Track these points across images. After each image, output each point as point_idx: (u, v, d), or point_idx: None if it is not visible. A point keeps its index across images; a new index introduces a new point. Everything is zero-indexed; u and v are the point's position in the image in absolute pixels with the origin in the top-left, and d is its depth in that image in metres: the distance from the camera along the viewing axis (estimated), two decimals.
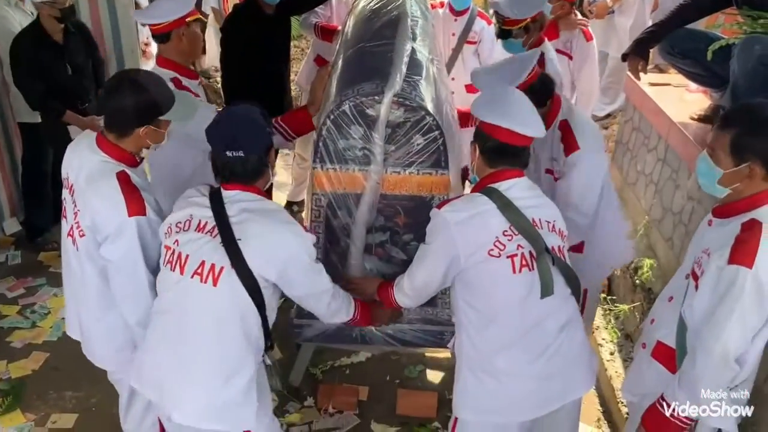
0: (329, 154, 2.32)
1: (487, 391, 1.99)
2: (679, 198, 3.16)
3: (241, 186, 1.95)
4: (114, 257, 2.06)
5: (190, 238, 1.92)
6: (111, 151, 2.09)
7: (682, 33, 2.96)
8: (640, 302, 3.30)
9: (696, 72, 3.03)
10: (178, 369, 1.95)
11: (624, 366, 3.23)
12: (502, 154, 1.98)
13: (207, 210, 1.94)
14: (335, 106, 2.25)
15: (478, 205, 1.95)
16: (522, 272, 1.92)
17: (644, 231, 3.48)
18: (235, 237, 1.88)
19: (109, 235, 2.05)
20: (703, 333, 1.75)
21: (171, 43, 2.59)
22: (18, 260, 4.22)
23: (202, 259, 1.89)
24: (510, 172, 2.00)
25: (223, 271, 1.87)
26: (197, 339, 1.93)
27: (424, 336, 2.52)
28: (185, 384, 1.95)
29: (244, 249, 1.87)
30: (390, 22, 2.73)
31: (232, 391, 1.93)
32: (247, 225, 1.89)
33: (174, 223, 1.98)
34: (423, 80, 2.37)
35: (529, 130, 1.96)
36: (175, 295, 1.96)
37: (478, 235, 1.93)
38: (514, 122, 1.94)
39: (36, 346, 3.48)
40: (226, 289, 1.88)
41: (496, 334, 1.97)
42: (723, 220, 1.84)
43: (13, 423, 3.00)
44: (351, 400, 3.12)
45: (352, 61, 2.57)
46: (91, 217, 2.07)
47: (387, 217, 2.41)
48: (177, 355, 1.95)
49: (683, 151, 3.13)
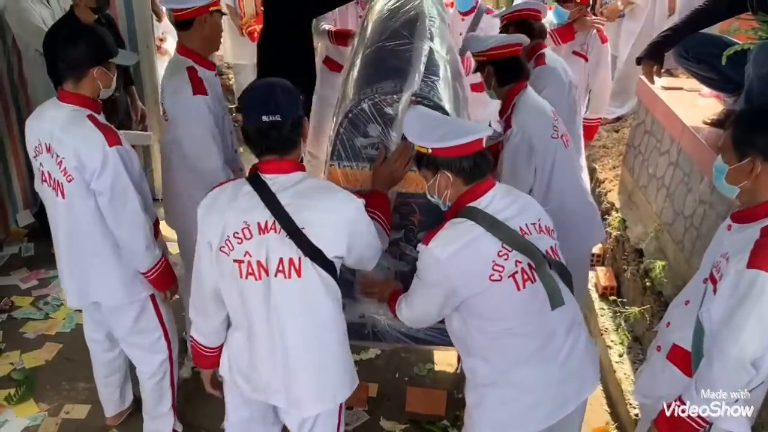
0: (346, 151, 2.34)
1: (507, 404, 1.99)
2: (691, 201, 3.17)
3: (277, 161, 1.91)
4: (105, 188, 2.34)
5: (257, 243, 1.88)
6: (74, 99, 2.37)
7: (697, 37, 2.98)
8: (650, 305, 3.31)
9: (710, 76, 3.04)
10: (298, 363, 2.00)
11: (633, 368, 3.24)
12: (476, 166, 1.96)
13: (261, 209, 1.88)
14: (354, 104, 2.27)
15: (466, 233, 1.91)
16: (526, 287, 1.91)
17: (654, 234, 3.50)
18: (299, 227, 1.86)
19: (96, 169, 2.31)
20: (721, 336, 1.76)
21: (193, 30, 2.61)
22: (31, 252, 4.26)
23: (279, 257, 1.88)
24: (484, 185, 1.98)
25: (301, 261, 1.89)
26: (308, 330, 1.98)
27: (437, 335, 2.53)
28: (311, 373, 2.03)
29: (310, 235, 1.87)
30: (408, 22, 2.75)
31: (347, 356, 2.11)
32: (306, 213, 1.87)
33: (231, 234, 1.89)
34: (441, 80, 2.38)
35: (477, 133, 1.95)
36: (263, 300, 1.94)
37: (472, 265, 1.91)
38: (463, 136, 1.93)
39: (49, 337, 3.52)
40: (309, 277, 1.92)
41: (512, 351, 1.97)
42: (742, 225, 1.85)
43: (26, 413, 3.04)
44: (361, 396, 3.14)
45: (370, 60, 2.59)
46: (76, 157, 2.31)
47: (402, 215, 2.43)
48: (289, 353, 1.99)
49: (696, 154, 3.14)
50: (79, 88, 2.37)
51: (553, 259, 1.98)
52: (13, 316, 3.67)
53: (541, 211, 2.06)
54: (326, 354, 2.04)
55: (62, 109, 2.37)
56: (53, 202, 2.45)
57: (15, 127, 4.31)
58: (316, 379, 2.04)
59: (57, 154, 2.34)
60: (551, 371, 1.96)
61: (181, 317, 3.69)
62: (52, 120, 2.36)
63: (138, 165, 2.47)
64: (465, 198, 1.97)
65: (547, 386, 1.96)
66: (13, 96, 4.26)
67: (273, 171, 1.91)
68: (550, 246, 2.01)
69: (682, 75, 3.91)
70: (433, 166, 1.98)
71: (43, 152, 2.38)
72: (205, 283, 2.01)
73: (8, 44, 4.16)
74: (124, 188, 2.36)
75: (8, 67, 4.18)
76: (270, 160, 1.91)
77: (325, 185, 2.02)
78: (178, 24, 2.66)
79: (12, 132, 4.29)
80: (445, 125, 1.99)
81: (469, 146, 1.93)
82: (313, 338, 2.00)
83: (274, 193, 1.87)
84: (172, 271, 2.66)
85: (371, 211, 2.20)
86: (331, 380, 2.08)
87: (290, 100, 1.90)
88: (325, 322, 2.01)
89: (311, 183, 1.95)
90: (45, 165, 2.40)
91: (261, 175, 1.91)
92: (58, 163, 2.34)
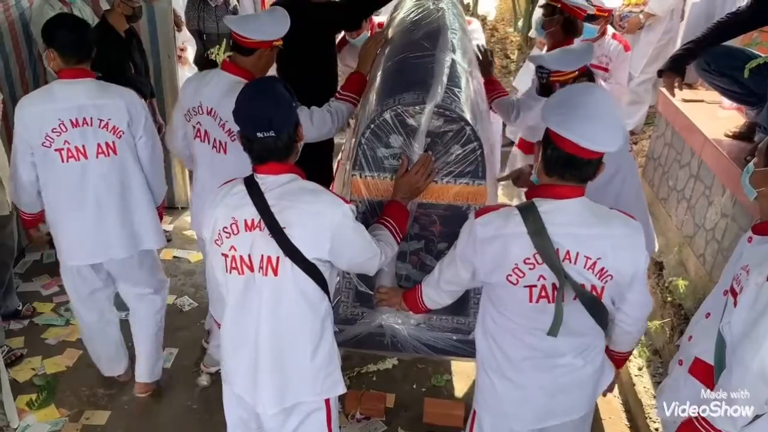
0: (368, 161, 2.35)
1: (496, 393, 2.04)
2: (712, 214, 3.15)
3: (276, 164, 1.98)
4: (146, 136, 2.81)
5: (244, 238, 1.97)
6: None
7: (719, 50, 2.97)
8: (670, 318, 3.29)
9: (732, 89, 3.03)
10: (264, 362, 2.04)
11: (653, 381, 3.21)
12: (563, 164, 1.81)
13: (249, 207, 1.95)
14: (376, 114, 2.28)
15: (508, 227, 1.86)
16: (540, 303, 1.88)
17: (679, 248, 3.47)
18: (281, 226, 1.92)
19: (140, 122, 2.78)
20: (741, 348, 1.74)
21: (251, 58, 2.67)
22: (52, 258, 4.28)
23: (260, 254, 1.96)
24: (564, 190, 1.84)
25: (279, 260, 1.95)
26: (276, 332, 2.02)
27: (456, 345, 2.53)
28: (274, 373, 2.05)
29: (291, 236, 1.92)
30: (430, 34, 2.76)
31: (318, 361, 2.07)
32: (288, 213, 1.93)
33: (221, 229, 1.99)
34: (463, 92, 2.39)
35: (596, 144, 1.76)
36: (243, 297, 2.02)
37: (496, 257, 1.89)
38: (578, 134, 1.75)
39: (70, 344, 3.55)
40: (286, 277, 1.96)
41: (511, 347, 1.99)
42: (764, 237, 1.84)
43: (47, 418, 3.07)
44: (378, 406, 3.14)
45: (393, 71, 2.60)
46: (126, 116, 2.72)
47: (423, 226, 2.43)
48: (259, 350, 2.04)
49: (717, 167, 3.13)
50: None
51: (585, 291, 1.87)
52: (34, 322, 3.71)
53: (614, 258, 1.84)
54: (290, 357, 2.05)
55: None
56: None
57: None
58: (276, 379, 2.06)
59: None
60: (542, 380, 1.98)
61: (199, 325, 3.72)
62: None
63: None
64: (540, 190, 1.89)
65: (534, 390, 1.99)
66: None
67: (265, 172, 1.99)
68: (592, 284, 1.87)
69: (701, 87, 3.90)
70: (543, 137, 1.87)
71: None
72: (210, 273, 2.16)
73: (34, 55, 4.23)
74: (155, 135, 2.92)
75: (34, 77, 4.25)
76: (270, 164, 1.99)
77: (312, 188, 2.02)
78: (238, 48, 2.68)
79: None
80: (578, 110, 1.78)
81: (572, 146, 1.76)
82: (279, 339, 2.03)
83: (262, 193, 1.95)
84: None
85: (384, 219, 2.25)
86: (292, 384, 2.07)
87: (282, 114, 1.95)
88: (294, 326, 2.03)
89: (299, 185, 2.00)
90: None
91: (255, 175, 2.00)
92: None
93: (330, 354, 2.12)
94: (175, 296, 3.96)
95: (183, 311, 3.85)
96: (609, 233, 1.85)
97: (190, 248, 4.50)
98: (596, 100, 1.82)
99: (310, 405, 2.14)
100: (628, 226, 1.89)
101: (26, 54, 4.17)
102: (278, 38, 2.67)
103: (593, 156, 1.79)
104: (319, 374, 2.10)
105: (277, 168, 1.98)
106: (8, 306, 3.63)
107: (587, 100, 1.81)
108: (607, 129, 1.78)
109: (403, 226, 2.30)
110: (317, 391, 2.12)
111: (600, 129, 1.77)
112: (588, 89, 1.89)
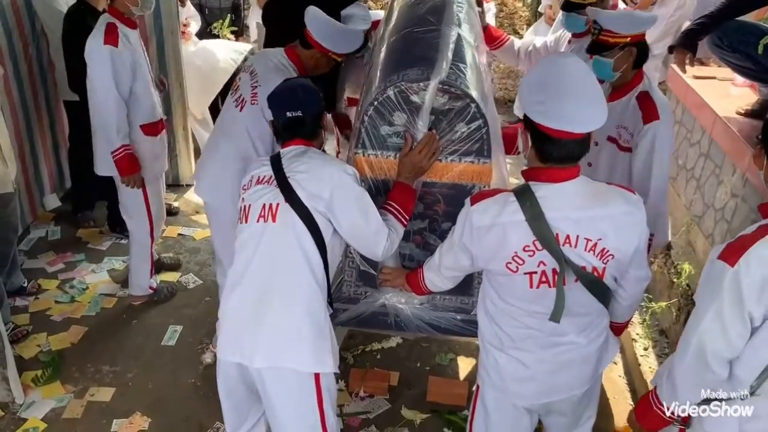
0: (371, 140, 2.31)
1: (499, 369, 2.02)
2: (722, 194, 3.10)
3: (301, 141, 2.20)
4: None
5: (253, 191, 2.15)
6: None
7: (733, 25, 2.89)
8: (677, 299, 3.26)
9: (745, 66, 2.96)
10: (254, 313, 2.07)
11: (658, 362, 3.19)
12: (557, 151, 1.76)
13: (266, 167, 2.17)
14: (380, 92, 2.24)
15: (505, 214, 1.81)
16: (540, 288, 1.85)
17: (686, 228, 3.43)
18: (286, 175, 2.10)
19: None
20: (687, 324, 1.71)
21: (308, 52, 2.73)
22: (57, 236, 4.31)
23: (262, 203, 2.10)
24: (560, 172, 1.78)
25: (279, 206, 2.07)
26: (268, 277, 2.07)
27: (460, 324, 2.51)
28: (263, 325, 2.06)
29: (293, 184, 2.08)
30: (435, 8, 2.70)
31: (308, 328, 2.07)
32: (296, 164, 2.12)
33: (240, 187, 2.24)
34: (468, 68, 2.34)
35: (585, 125, 1.72)
36: (244, 242, 2.13)
37: (493, 245, 1.85)
38: (566, 120, 1.70)
39: (75, 320, 3.56)
40: (284, 222, 2.06)
41: (512, 328, 1.96)
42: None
43: (53, 394, 3.08)
44: (382, 384, 3.14)
45: (397, 46, 2.55)
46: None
47: (427, 205, 2.40)
48: (250, 299, 2.08)
49: (728, 146, 3.07)
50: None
51: (587, 273, 1.84)
52: (39, 299, 3.71)
53: (615, 237, 1.80)
54: (280, 310, 2.06)
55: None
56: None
57: (43, 111, 4.36)
58: (263, 331, 2.05)
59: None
60: (543, 357, 1.95)
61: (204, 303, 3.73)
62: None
63: None
64: (535, 172, 1.82)
65: (539, 368, 1.97)
66: (42, 81, 4.30)
67: (288, 146, 2.21)
68: (593, 266, 1.83)
69: (713, 64, 3.82)
70: (527, 122, 1.81)
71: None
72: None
73: (37, 30, 4.19)
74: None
75: (38, 52, 4.22)
76: (296, 141, 2.21)
77: (324, 155, 2.23)
78: (302, 40, 2.71)
79: (41, 116, 4.33)
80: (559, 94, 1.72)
81: (567, 134, 1.72)
82: (271, 284, 2.07)
83: (281, 158, 2.17)
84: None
85: (388, 204, 2.24)
86: (279, 342, 2.05)
87: (311, 99, 2.21)
88: (287, 273, 2.07)
89: (315, 151, 2.21)
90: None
91: (281, 149, 2.22)
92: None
93: (321, 327, 2.10)
94: (179, 274, 3.96)
95: (188, 288, 3.85)
96: (609, 213, 1.80)
97: (194, 225, 4.49)
98: (572, 74, 1.75)
99: (300, 377, 2.08)
100: (628, 203, 1.84)
101: (29, 29, 4.13)
102: (339, 53, 2.71)
103: (579, 137, 1.74)
104: (307, 344, 2.07)
105: (299, 143, 2.20)
106: (13, 283, 3.64)
107: (564, 79, 1.74)
108: (591, 104, 1.73)
109: (409, 209, 2.29)
110: (305, 362, 2.07)
111: (584, 106, 1.72)
112: (561, 64, 1.79)
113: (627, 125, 2.58)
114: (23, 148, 4.12)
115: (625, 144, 2.59)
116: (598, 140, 2.63)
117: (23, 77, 4.09)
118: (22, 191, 4.13)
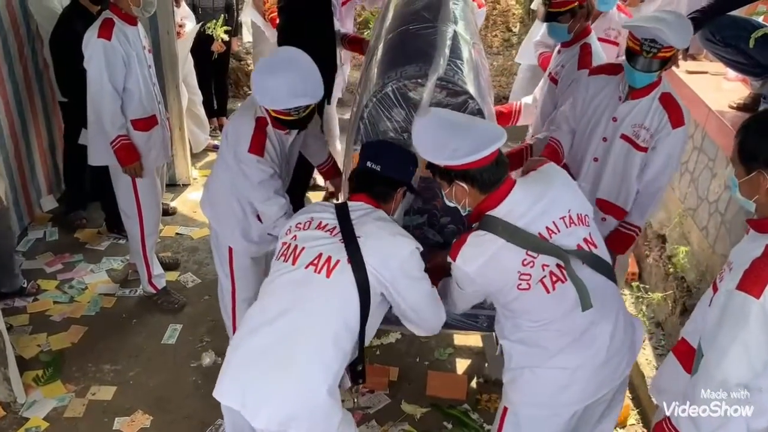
0: (369, 136, 2.34)
1: (543, 382, 1.98)
2: (716, 187, 3.14)
3: (368, 197, 2.08)
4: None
5: (310, 234, 2.00)
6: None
7: (725, 20, 2.93)
8: (672, 291, 3.30)
9: (737, 60, 2.99)
10: (273, 364, 1.89)
11: (654, 354, 3.23)
12: (485, 174, 1.87)
13: (330, 215, 2.03)
14: (378, 88, 2.26)
15: (488, 248, 1.86)
16: (556, 288, 1.87)
17: (678, 219, 3.47)
18: (356, 234, 1.95)
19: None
20: (707, 358, 1.66)
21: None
22: (55, 237, 4.31)
23: (319, 252, 1.95)
24: (502, 190, 1.89)
25: (339, 264, 1.92)
26: (301, 331, 1.90)
27: (460, 319, 2.54)
28: (279, 382, 1.88)
29: (362, 246, 1.93)
30: (432, 5, 2.73)
31: (325, 398, 1.89)
32: (368, 227, 1.98)
33: (294, 224, 2.06)
34: (465, 64, 2.37)
35: (492, 145, 1.83)
36: (283, 285, 1.98)
37: (499, 276, 1.89)
38: (476, 150, 1.82)
39: (74, 320, 3.57)
40: (338, 281, 1.91)
41: (547, 342, 1.95)
42: (755, 234, 1.69)
43: (54, 394, 3.09)
44: (382, 379, 3.16)
45: (395, 43, 2.58)
46: None
47: (426, 200, 2.43)
48: (274, 348, 1.90)
49: (721, 139, 3.11)
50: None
51: (586, 252, 1.90)
52: (39, 299, 3.72)
53: (573, 199, 1.96)
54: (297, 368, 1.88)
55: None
56: None
57: (39, 112, 4.36)
58: (283, 392, 1.88)
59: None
60: (587, 357, 1.94)
61: (203, 301, 3.74)
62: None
63: None
64: (484, 205, 1.91)
65: (582, 370, 1.95)
66: (37, 81, 4.30)
67: (356, 200, 2.08)
68: (583, 237, 1.92)
69: (705, 59, 3.86)
70: (448, 177, 1.92)
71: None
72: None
73: (32, 31, 4.19)
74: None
75: (33, 53, 4.22)
76: (363, 196, 2.08)
77: (395, 223, 2.09)
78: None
79: (36, 117, 4.33)
80: (457, 137, 1.86)
81: (483, 159, 1.84)
82: (295, 335, 1.90)
83: (348, 211, 2.02)
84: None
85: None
86: (300, 408, 1.89)
87: (397, 160, 2.10)
88: (316, 329, 1.90)
89: (384, 215, 2.07)
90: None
91: (349, 202, 2.09)
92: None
93: (337, 399, 1.94)
94: (178, 273, 3.97)
95: (186, 288, 3.87)
96: (557, 185, 1.95)
97: (192, 225, 4.50)
98: (444, 122, 1.92)
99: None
100: (556, 169, 2.03)
101: (24, 30, 4.13)
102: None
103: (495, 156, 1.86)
104: (321, 415, 1.91)
105: (367, 200, 2.07)
106: (13, 284, 3.64)
107: (443, 126, 1.90)
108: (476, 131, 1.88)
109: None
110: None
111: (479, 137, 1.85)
112: (434, 119, 1.97)
113: (648, 125, 2.57)
114: (19, 149, 4.12)
115: (644, 144, 2.59)
116: (608, 137, 2.64)
117: (18, 78, 4.08)
118: (19, 193, 4.14)
